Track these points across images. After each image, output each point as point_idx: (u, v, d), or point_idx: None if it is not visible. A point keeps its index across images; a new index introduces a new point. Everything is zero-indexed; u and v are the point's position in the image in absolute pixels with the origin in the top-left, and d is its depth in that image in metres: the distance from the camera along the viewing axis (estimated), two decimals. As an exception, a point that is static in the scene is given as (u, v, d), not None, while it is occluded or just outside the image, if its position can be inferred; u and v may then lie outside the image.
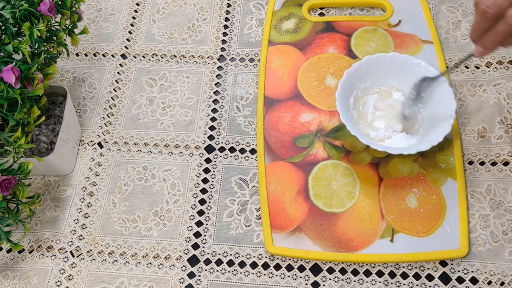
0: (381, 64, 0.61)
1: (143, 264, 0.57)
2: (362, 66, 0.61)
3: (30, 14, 0.53)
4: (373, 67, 0.61)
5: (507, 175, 0.59)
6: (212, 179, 0.62)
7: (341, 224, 0.56)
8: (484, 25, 0.46)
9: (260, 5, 0.76)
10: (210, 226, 0.59)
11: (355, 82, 0.61)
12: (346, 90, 0.60)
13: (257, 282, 0.55)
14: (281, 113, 0.64)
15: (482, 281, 0.53)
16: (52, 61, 0.59)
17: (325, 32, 0.70)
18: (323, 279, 0.55)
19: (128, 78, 0.71)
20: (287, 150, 0.61)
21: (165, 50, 0.73)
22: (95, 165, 0.64)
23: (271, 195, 0.58)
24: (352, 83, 0.61)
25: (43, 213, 0.61)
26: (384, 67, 0.61)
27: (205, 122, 0.66)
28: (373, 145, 0.55)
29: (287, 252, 0.55)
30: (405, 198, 0.57)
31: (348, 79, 0.60)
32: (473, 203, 0.58)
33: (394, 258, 0.54)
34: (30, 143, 0.58)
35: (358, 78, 0.61)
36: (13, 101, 0.51)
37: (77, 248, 0.59)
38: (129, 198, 0.61)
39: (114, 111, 0.68)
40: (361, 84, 0.62)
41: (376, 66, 0.61)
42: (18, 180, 0.51)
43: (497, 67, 0.66)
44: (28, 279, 0.56)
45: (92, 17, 0.77)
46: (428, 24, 0.69)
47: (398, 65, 0.61)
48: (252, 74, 0.69)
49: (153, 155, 0.64)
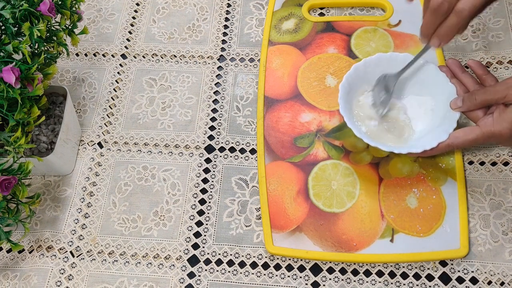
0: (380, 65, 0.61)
1: (143, 264, 0.57)
2: (361, 68, 0.60)
3: (30, 14, 0.53)
4: (373, 68, 0.61)
5: (507, 175, 0.59)
6: (212, 179, 0.62)
7: (341, 224, 0.56)
8: (436, 21, 0.50)
9: (260, 5, 0.76)
10: (210, 226, 0.59)
11: (357, 85, 0.60)
12: (349, 91, 0.59)
13: (257, 282, 0.55)
14: (281, 113, 0.64)
15: (482, 281, 0.53)
16: (52, 61, 0.59)
17: (325, 32, 0.70)
18: (323, 279, 0.55)
19: (128, 78, 0.71)
20: (287, 150, 0.61)
21: (165, 50, 0.73)
22: (95, 165, 0.64)
23: (271, 195, 0.58)
24: (353, 85, 0.60)
25: (43, 213, 0.61)
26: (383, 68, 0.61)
27: (205, 122, 0.66)
28: (365, 139, 0.54)
29: (287, 252, 0.55)
30: (405, 198, 0.57)
31: (349, 82, 0.59)
32: (473, 203, 0.58)
33: (394, 258, 0.54)
34: (30, 143, 0.58)
35: (359, 80, 0.61)
36: (13, 101, 0.51)
37: (77, 248, 0.59)
38: (129, 198, 0.61)
39: (114, 111, 0.68)
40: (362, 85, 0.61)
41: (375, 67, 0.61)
42: (18, 180, 0.51)
43: (497, 67, 0.66)
44: (28, 279, 0.57)
45: (92, 17, 0.77)
46: (428, 24, 0.69)
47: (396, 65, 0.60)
48: (252, 74, 0.69)
49: (153, 155, 0.64)
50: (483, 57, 0.67)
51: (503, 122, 0.49)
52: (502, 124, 0.49)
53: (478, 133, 0.51)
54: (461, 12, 0.47)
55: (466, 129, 0.52)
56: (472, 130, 0.52)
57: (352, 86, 0.59)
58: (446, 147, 0.53)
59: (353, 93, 0.60)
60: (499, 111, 0.50)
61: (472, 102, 0.52)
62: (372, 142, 0.54)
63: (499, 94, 0.49)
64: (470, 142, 0.52)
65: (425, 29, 0.52)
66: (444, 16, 0.49)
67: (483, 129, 0.50)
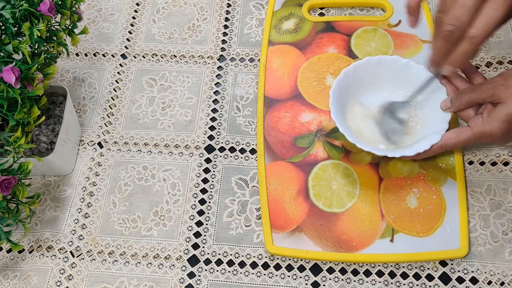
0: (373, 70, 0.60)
1: (143, 264, 0.57)
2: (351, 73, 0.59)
3: (30, 14, 0.53)
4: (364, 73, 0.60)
5: (507, 175, 0.59)
6: (212, 179, 0.62)
7: (341, 224, 0.56)
8: (448, 48, 0.48)
9: (260, 5, 0.76)
10: (210, 226, 0.59)
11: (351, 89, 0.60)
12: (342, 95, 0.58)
13: (257, 282, 0.55)
14: (281, 113, 0.64)
15: (482, 281, 0.53)
16: (52, 61, 0.59)
17: (325, 32, 0.70)
18: (323, 279, 0.55)
19: (128, 78, 0.71)
20: (287, 150, 0.61)
21: (165, 50, 0.73)
22: (95, 165, 0.64)
23: (271, 195, 0.58)
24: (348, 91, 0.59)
25: (43, 213, 0.61)
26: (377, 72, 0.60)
27: (205, 122, 0.66)
28: (358, 144, 0.54)
29: (287, 252, 0.55)
30: (405, 198, 0.57)
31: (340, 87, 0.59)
32: (473, 203, 0.58)
33: (394, 258, 0.54)
34: (30, 143, 0.58)
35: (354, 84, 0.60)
36: (13, 101, 0.51)
37: (77, 248, 0.59)
38: (129, 198, 0.61)
39: (114, 111, 0.68)
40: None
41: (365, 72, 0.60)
42: (18, 180, 0.51)
43: (497, 67, 0.66)
44: (28, 279, 0.57)
45: (92, 17, 0.77)
46: (428, 24, 0.69)
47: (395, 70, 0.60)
48: (252, 74, 0.69)
49: (153, 155, 0.64)
50: (483, 57, 0.67)
51: (492, 122, 0.48)
52: (491, 124, 0.48)
53: (469, 133, 0.51)
54: (475, 38, 0.45)
55: (457, 130, 0.52)
56: (464, 131, 0.51)
57: (343, 91, 0.58)
58: (439, 148, 0.53)
59: (345, 98, 0.59)
60: (487, 110, 0.49)
61: (460, 101, 0.52)
62: (366, 147, 0.54)
63: (486, 93, 0.49)
64: (462, 143, 0.52)
65: (436, 57, 0.50)
66: (456, 43, 0.47)
67: (474, 130, 0.50)
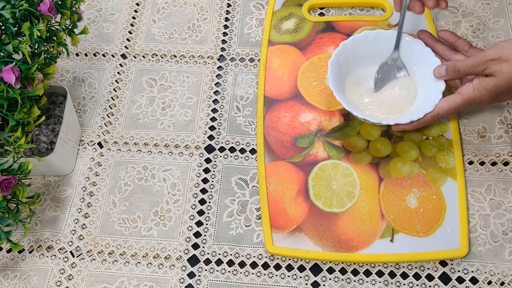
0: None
1: (143, 264, 0.57)
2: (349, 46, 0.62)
3: (30, 14, 0.53)
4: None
5: (507, 175, 0.59)
6: (212, 179, 0.62)
7: (341, 224, 0.56)
8: None
9: (260, 5, 0.76)
10: (210, 226, 0.59)
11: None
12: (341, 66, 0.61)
13: (257, 282, 0.55)
14: (281, 113, 0.64)
15: (482, 281, 0.53)
16: (52, 61, 0.59)
17: (325, 32, 0.70)
18: (323, 279, 0.55)
19: (128, 78, 0.71)
20: (287, 150, 0.61)
21: (165, 50, 0.73)
22: (95, 165, 0.64)
23: (271, 195, 0.59)
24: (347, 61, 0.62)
25: (43, 213, 0.61)
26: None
27: (205, 122, 0.66)
28: (354, 112, 0.57)
29: (287, 252, 0.55)
30: (405, 198, 0.57)
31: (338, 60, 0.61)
32: (473, 203, 0.58)
33: (394, 258, 0.54)
34: (30, 143, 0.58)
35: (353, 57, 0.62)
36: (13, 101, 0.51)
37: (77, 248, 0.59)
38: (129, 198, 0.61)
39: (114, 111, 0.68)
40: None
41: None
42: (18, 180, 0.51)
43: (497, 67, 0.66)
44: (28, 279, 0.57)
45: (92, 17, 0.77)
46: (428, 24, 0.69)
47: None
48: (252, 74, 0.69)
49: (153, 155, 0.64)
50: None
51: (482, 90, 0.53)
52: (481, 92, 0.53)
53: (460, 100, 0.55)
54: None
55: (448, 98, 0.56)
56: (455, 98, 0.55)
57: (341, 62, 0.61)
58: (432, 117, 0.56)
59: (344, 70, 0.62)
60: (479, 80, 0.54)
61: (456, 74, 0.56)
62: (360, 115, 0.56)
63: (480, 67, 0.53)
64: (454, 110, 0.56)
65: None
66: None
67: (464, 96, 0.54)
